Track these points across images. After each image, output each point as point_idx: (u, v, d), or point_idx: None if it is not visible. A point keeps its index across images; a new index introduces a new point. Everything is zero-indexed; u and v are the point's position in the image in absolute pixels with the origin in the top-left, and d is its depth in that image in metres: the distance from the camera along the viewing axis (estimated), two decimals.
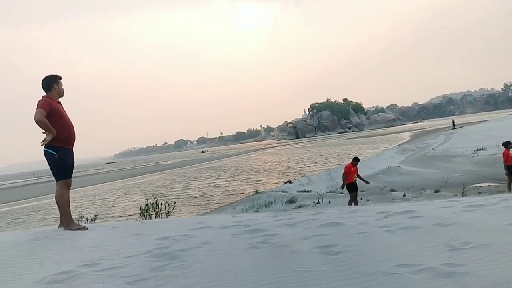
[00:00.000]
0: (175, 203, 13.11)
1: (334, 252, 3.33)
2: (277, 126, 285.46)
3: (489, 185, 17.48)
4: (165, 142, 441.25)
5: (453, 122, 73.99)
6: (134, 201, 28.32)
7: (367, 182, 13.68)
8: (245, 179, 36.21)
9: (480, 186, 17.42)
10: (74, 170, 5.45)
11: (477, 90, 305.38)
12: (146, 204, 12.46)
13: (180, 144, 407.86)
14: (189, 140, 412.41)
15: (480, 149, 28.53)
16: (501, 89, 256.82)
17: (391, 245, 3.45)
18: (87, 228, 5.31)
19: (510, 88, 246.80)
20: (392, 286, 2.44)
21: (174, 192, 31.22)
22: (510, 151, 12.98)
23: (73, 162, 5.35)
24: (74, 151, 5.37)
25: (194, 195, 28.53)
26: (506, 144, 13.04)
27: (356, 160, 13.21)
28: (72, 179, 5.36)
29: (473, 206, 5.20)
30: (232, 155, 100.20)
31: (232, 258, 3.44)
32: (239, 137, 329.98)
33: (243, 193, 26.39)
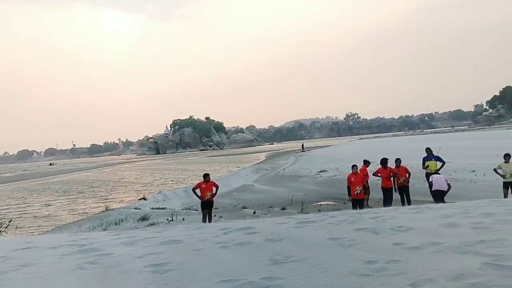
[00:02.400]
0: (10, 221, 11.60)
1: (164, 270, 3.29)
2: (137, 140, 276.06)
3: (327, 203, 19.25)
4: (6, 152, 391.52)
5: (303, 145, 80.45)
6: None
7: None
8: (96, 195, 33.98)
9: (320, 204, 19.08)
10: None
11: (324, 117, 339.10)
12: None
13: (24, 155, 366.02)
14: (35, 151, 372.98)
15: (322, 171, 31.31)
16: (344, 118, 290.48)
17: (222, 261, 3.54)
18: None
19: (351, 117, 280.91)
20: None
21: (10, 210, 27.71)
22: (367, 169, 14.63)
23: None
24: None
25: (34, 213, 25.70)
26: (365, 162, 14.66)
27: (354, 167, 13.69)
28: None
29: (304, 222, 5.65)
30: (84, 168, 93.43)
31: (54, 281, 3.15)
32: (94, 150, 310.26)
33: (92, 210, 24.67)
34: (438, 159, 14.66)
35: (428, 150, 14.93)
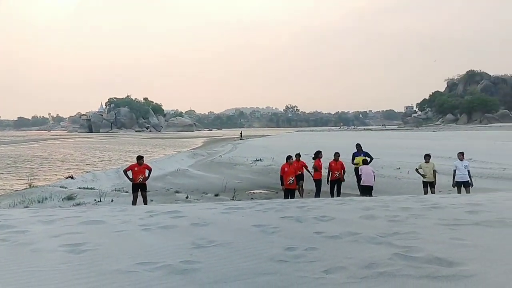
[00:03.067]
0: None
1: (80, 250, 3.17)
2: (68, 116, 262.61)
3: (260, 192, 19.52)
4: None
5: (241, 133, 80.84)
6: None
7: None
8: (21, 171, 32.02)
9: (253, 193, 19.30)
10: None
11: (264, 107, 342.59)
12: None
13: None
14: None
15: (258, 160, 31.65)
16: (283, 109, 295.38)
17: (142, 243, 3.47)
18: None
19: (290, 109, 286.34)
20: (125, 284, 2.43)
21: None
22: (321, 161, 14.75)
23: None
24: None
25: None
26: (317, 154, 14.75)
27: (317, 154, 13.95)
28: None
29: (233, 208, 5.68)
30: (10, 142, 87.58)
31: None
32: (21, 124, 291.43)
33: (15, 187, 23.22)
34: (367, 154, 15.30)
35: (358, 146, 15.55)
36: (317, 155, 14.33)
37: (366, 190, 12.69)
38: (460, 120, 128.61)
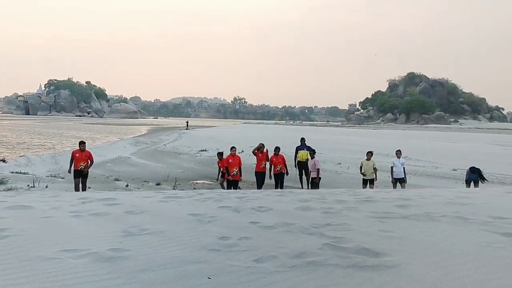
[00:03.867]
0: None
1: (2, 236, 2.97)
2: (4, 97, 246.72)
3: (204, 182, 19.40)
4: None
5: (187, 123, 79.93)
6: None
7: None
8: None
9: (196, 183, 19.15)
10: None
11: (212, 98, 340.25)
12: None
13: None
14: None
15: (203, 150, 31.47)
16: (231, 101, 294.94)
17: (71, 230, 3.32)
18: None
19: (238, 101, 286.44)
20: (46, 271, 2.31)
21: None
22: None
23: None
24: None
25: None
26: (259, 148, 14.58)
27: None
28: None
29: (172, 197, 5.59)
30: None
31: None
32: None
33: None
34: (309, 149, 15.64)
35: (302, 140, 15.84)
36: (260, 148, 14.35)
37: (314, 185, 13.13)
38: (399, 120, 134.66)
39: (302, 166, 15.22)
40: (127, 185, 16.67)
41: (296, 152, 15.55)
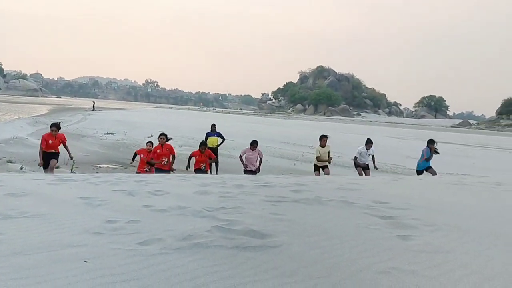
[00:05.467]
0: None
1: None
2: None
3: (108, 166, 18.62)
4: None
5: (94, 104, 75.81)
6: None
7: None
8: None
9: (100, 167, 18.31)
10: None
11: (122, 79, 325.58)
12: None
13: None
14: None
15: (110, 133, 30.17)
16: (143, 84, 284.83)
17: None
18: None
19: (150, 84, 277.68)
20: None
21: None
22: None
23: None
24: None
25: None
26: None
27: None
28: None
29: (63, 180, 5.30)
30: None
31: None
32: None
33: None
34: (219, 135, 15.74)
35: (212, 126, 15.86)
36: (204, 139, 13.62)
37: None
38: (308, 111, 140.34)
39: (212, 151, 15.21)
40: (21, 168, 15.43)
41: (206, 138, 15.55)
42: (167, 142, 12.23)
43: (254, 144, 13.08)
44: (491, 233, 3.40)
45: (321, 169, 13.25)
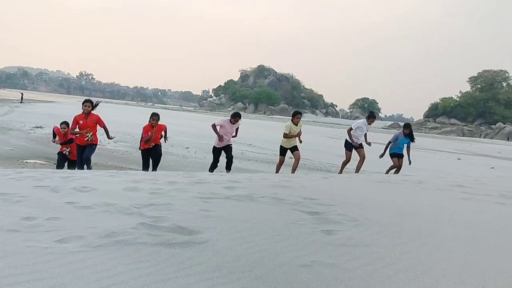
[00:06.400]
0: None
1: None
2: None
3: (35, 162, 17.64)
4: None
5: (22, 95, 71.38)
6: None
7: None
8: None
9: (26, 162, 17.31)
10: None
11: (54, 71, 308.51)
12: None
13: None
14: None
15: (39, 127, 28.61)
16: (76, 76, 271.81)
17: None
18: None
19: (84, 77, 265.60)
20: None
21: None
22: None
23: None
24: None
25: None
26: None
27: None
28: None
29: None
30: None
31: None
32: None
33: None
34: None
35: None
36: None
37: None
38: (248, 109, 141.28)
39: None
40: None
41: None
42: (93, 112, 10.05)
43: (236, 117, 11.48)
44: (409, 228, 3.61)
45: (289, 152, 11.53)
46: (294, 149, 11.52)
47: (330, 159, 20.69)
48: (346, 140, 12.12)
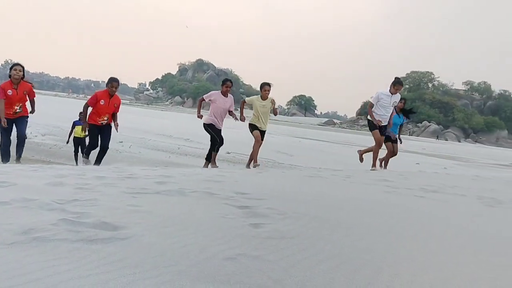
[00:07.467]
0: None
1: None
2: None
3: None
4: None
5: None
6: None
7: None
8: None
9: None
10: None
11: None
12: None
13: None
14: None
15: None
16: (1, 64, 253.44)
17: None
18: None
19: (10, 65, 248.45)
20: None
21: None
22: None
23: None
24: None
25: None
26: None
27: None
28: None
29: None
30: None
31: None
32: None
33: None
34: None
35: (81, 114, 14.95)
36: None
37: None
38: (186, 103, 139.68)
39: (78, 142, 14.51)
40: None
41: (73, 127, 14.70)
42: (24, 80, 8.53)
43: (227, 81, 9.70)
44: (334, 220, 3.77)
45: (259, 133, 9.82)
46: (263, 132, 9.90)
47: (267, 155, 20.96)
48: (368, 120, 10.15)
